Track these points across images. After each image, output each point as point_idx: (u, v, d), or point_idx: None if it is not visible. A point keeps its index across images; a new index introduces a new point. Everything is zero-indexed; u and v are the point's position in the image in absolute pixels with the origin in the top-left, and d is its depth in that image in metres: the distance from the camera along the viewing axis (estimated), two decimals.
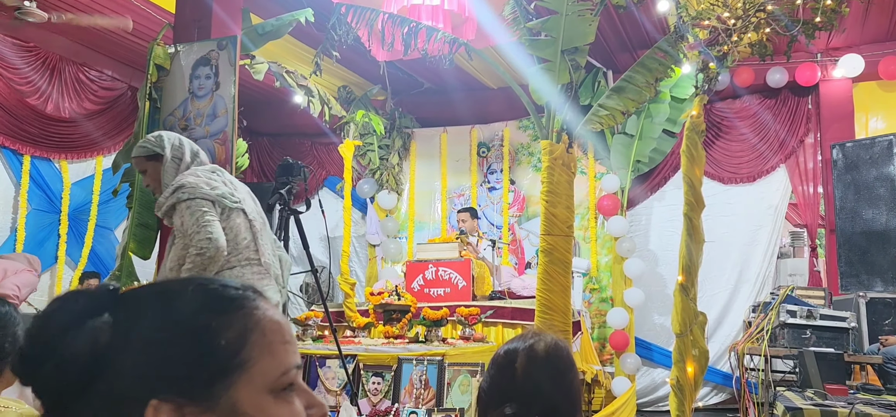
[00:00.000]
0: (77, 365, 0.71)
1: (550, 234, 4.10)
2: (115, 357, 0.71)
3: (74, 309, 0.74)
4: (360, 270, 8.53)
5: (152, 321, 0.73)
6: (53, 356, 0.71)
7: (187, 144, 3.20)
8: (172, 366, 0.71)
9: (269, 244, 3.28)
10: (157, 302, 0.74)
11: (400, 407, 4.60)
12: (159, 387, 0.70)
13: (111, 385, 0.70)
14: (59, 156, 6.86)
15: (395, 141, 8.36)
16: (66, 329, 0.73)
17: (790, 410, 3.23)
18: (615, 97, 4.58)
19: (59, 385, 0.71)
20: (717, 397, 7.30)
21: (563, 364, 1.47)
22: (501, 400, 1.42)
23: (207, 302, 0.75)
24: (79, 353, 0.71)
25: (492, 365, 1.51)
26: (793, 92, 7.42)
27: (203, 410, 0.70)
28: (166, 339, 0.72)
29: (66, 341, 0.72)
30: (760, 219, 7.39)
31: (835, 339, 4.48)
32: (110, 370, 0.71)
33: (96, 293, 0.76)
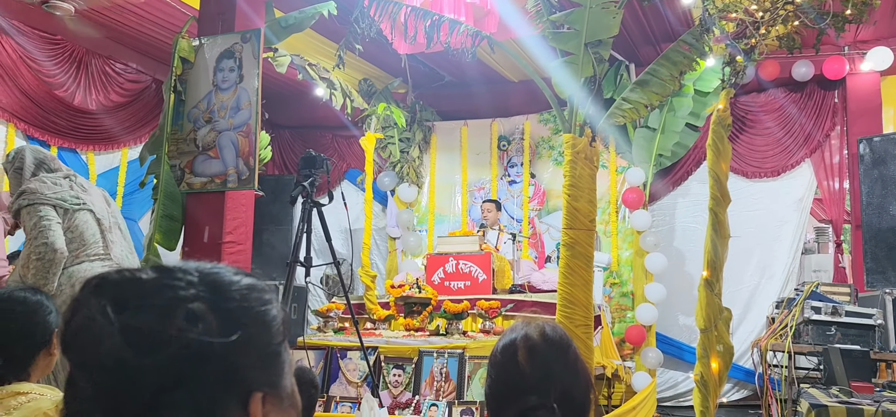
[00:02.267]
0: (196, 357, 0.67)
1: (572, 228, 4.08)
2: (220, 348, 0.69)
3: (176, 295, 0.69)
4: (381, 263, 8.57)
5: (234, 311, 0.72)
6: (172, 346, 0.67)
7: (29, 153, 3.55)
8: (259, 357, 0.73)
9: (123, 243, 3.61)
10: (226, 292, 0.73)
11: (420, 399, 4.63)
12: (255, 379, 0.72)
13: (216, 379, 0.68)
14: (86, 148, 6.96)
15: (415, 134, 8.38)
16: (179, 316, 0.68)
17: (815, 407, 3.19)
18: (639, 90, 4.55)
19: (171, 380, 0.66)
20: (739, 393, 7.25)
21: (562, 343, 1.44)
22: (513, 397, 1.38)
23: (261, 293, 0.76)
24: (197, 343, 0.67)
25: (491, 367, 1.47)
26: (819, 85, 7.31)
27: (278, 400, 0.75)
28: (251, 330, 0.72)
29: (184, 330, 0.67)
30: (785, 215, 7.31)
31: (860, 336, 4.42)
32: (216, 363, 0.68)
33: (179, 277, 0.71)
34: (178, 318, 0.67)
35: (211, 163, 4.72)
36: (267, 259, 7.46)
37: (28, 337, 1.87)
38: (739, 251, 7.27)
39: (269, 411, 0.73)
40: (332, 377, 4.88)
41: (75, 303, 0.69)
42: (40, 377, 1.90)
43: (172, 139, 4.75)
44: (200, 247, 4.56)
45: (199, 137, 4.77)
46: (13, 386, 1.79)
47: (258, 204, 7.37)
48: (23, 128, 6.23)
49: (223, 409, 0.69)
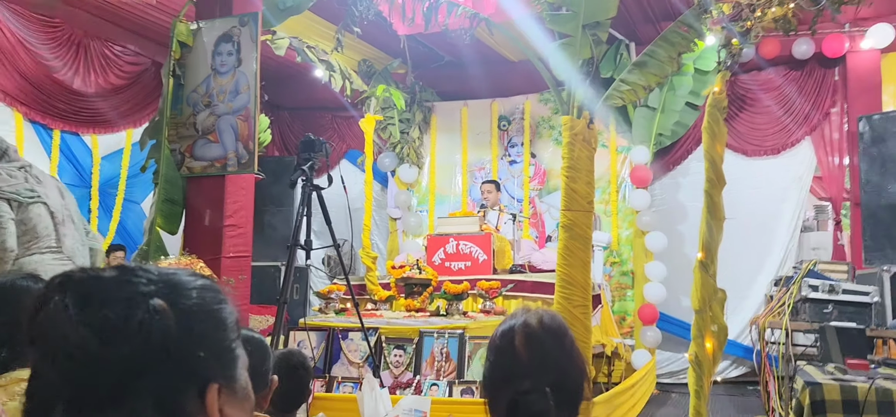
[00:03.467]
0: (158, 348, 0.71)
1: (571, 210, 4.10)
2: (180, 342, 0.73)
3: (138, 290, 0.73)
4: (382, 244, 8.61)
5: (191, 308, 0.76)
6: (135, 337, 0.70)
7: None
8: (215, 351, 0.77)
9: (75, 235, 3.61)
10: (182, 291, 0.77)
11: (421, 379, 4.69)
12: (212, 371, 0.76)
13: (176, 370, 0.72)
14: (88, 131, 6.97)
15: (415, 114, 8.38)
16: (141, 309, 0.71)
17: (809, 385, 3.23)
18: (637, 72, 4.54)
19: (134, 370, 0.70)
20: (737, 370, 7.31)
21: (558, 331, 1.48)
22: (508, 381, 1.42)
23: (215, 294, 0.81)
24: (158, 335, 0.71)
25: (490, 351, 1.51)
26: (819, 63, 7.29)
27: (232, 392, 0.79)
28: (206, 325, 0.77)
29: (146, 322, 0.71)
30: (784, 193, 7.33)
31: (857, 314, 4.45)
32: (177, 354, 0.72)
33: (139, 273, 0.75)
34: (140, 311, 0.71)
35: (210, 147, 4.74)
36: (268, 240, 7.50)
37: None
38: (739, 229, 7.29)
39: (224, 402, 0.76)
40: (334, 357, 4.94)
41: (41, 299, 0.72)
42: None
43: (172, 123, 4.77)
44: (201, 231, 4.59)
45: (199, 121, 4.79)
46: (16, 373, 1.82)
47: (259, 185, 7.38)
48: (24, 111, 6.24)
49: (182, 399, 0.73)
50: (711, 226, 3.02)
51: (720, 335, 2.87)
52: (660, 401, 6.36)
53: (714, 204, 3.04)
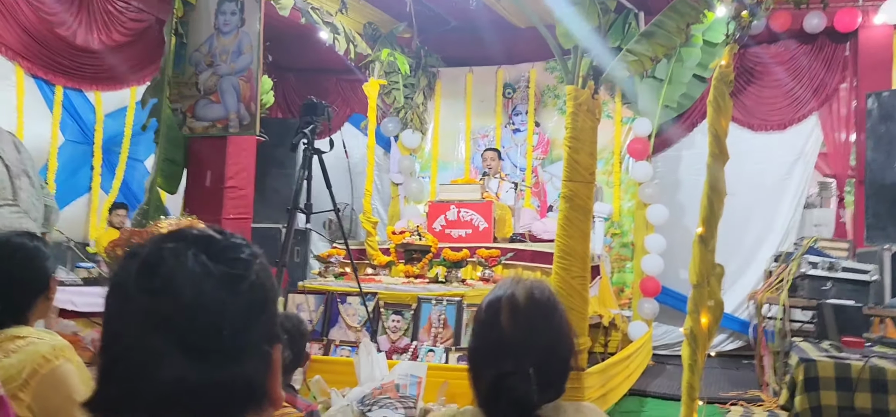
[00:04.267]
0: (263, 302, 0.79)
1: (572, 180, 4.08)
2: (267, 303, 0.81)
3: (240, 248, 0.81)
4: (383, 209, 8.61)
5: (261, 275, 0.82)
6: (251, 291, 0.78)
7: None
8: (273, 317, 0.85)
9: (31, 190, 3.63)
10: (256, 254, 0.84)
11: (418, 345, 4.72)
12: (277, 332, 0.85)
13: (266, 331, 0.80)
14: (91, 87, 6.93)
15: (420, 80, 8.31)
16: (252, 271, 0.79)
17: (804, 361, 3.25)
18: (644, 42, 4.49)
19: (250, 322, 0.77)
20: (733, 344, 7.35)
21: (546, 308, 1.43)
22: (493, 358, 1.38)
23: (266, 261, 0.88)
24: (264, 290, 0.80)
25: (476, 324, 1.47)
26: (830, 37, 7.19)
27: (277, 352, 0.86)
28: (271, 293, 0.84)
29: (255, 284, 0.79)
30: (789, 169, 7.28)
31: (856, 292, 4.46)
32: (267, 315, 0.81)
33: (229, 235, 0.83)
34: (251, 272, 0.79)
35: (212, 107, 4.72)
36: (270, 203, 7.50)
37: (27, 282, 1.90)
38: (742, 203, 7.28)
39: (276, 360, 0.84)
40: (332, 321, 4.97)
41: (161, 252, 0.77)
42: (38, 321, 1.94)
43: (174, 82, 4.75)
44: (202, 192, 4.60)
45: (201, 81, 4.77)
46: (12, 330, 1.83)
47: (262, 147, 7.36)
48: (25, 66, 6.20)
49: (268, 350, 0.81)
50: (712, 201, 3.00)
51: (716, 310, 2.87)
52: (655, 372, 6.41)
53: (716, 178, 3.02)
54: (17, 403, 1.78)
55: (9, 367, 1.78)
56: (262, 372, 0.79)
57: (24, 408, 1.78)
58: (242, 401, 0.76)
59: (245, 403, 0.77)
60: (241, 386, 0.76)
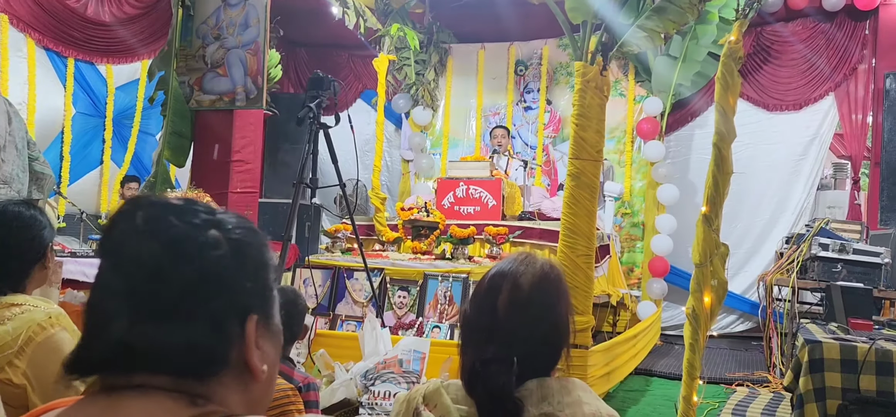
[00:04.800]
0: (216, 273, 0.77)
1: (579, 158, 4.04)
2: (232, 272, 0.79)
3: (201, 218, 0.79)
4: (394, 185, 8.60)
5: (242, 242, 0.81)
6: (200, 260, 0.76)
7: None
8: (258, 286, 0.83)
9: (17, 161, 3.63)
10: (235, 228, 0.82)
11: (424, 321, 4.73)
12: (253, 304, 0.81)
13: (227, 297, 0.78)
14: (102, 60, 6.96)
15: (432, 56, 8.26)
16: (205, 236, 0.78)
17: (809, 342, 3.21)
18: (655, 18, 4.42)
19: (195, 290, 0.75)
20: (742, 325, 7.30)
21: (551, 297, 1.38)
22: (481, 337, 1.35)
23: (259, 237, 0.87)
24: (217, 261, 0.77)
25: (475, 295, 1.43)
26: (849, 16, 7.04)
27: (266, 328, 0.84)
28: (253, 262, 0.82)
29: (209, 248, 0.77)
30: (804, 149, 7.17)
31: (866, 274, 4.40)
32: (228, 283, 0.78)
33: (198, 206, 0.81)
34: (204, 238, 0.78)
35: (219, 80, 4.71)
36: (281, 178, 7.52)
37: (23, 250, 1.91)
38: (755, 185, 7.20)
39: (260, 335, 0.82)
40: (339, 296, 4.99)
41: (117, 215, 0.79)
42: (35, 289, 1.96)
43: (181, 55, 4.74)
44: (209, 165, 4.61)
45: (208, 54, 4.76)
46: (8, 298, 1.84)
47: (274, 123, 7.39)
48: (37, 37, 6.24)
49: (228, 321, 0.78)
50: (718, 180, 2.96)
51: (719, 290, 2.84)
52: (662, 352, 6.38)
53: (722, 157, 2.97)
54: (13, 369, 1.80)
55: (4, 334, 1.79)
56: (219, 340, 0.77)
57: (20, 375, 1.80)
58: (190, 367, 0.75)
59: (195, 369, 0.76)
60: (186, 352, 0.74)
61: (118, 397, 0.74)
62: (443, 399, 1.35)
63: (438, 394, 1.37)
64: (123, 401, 0.74)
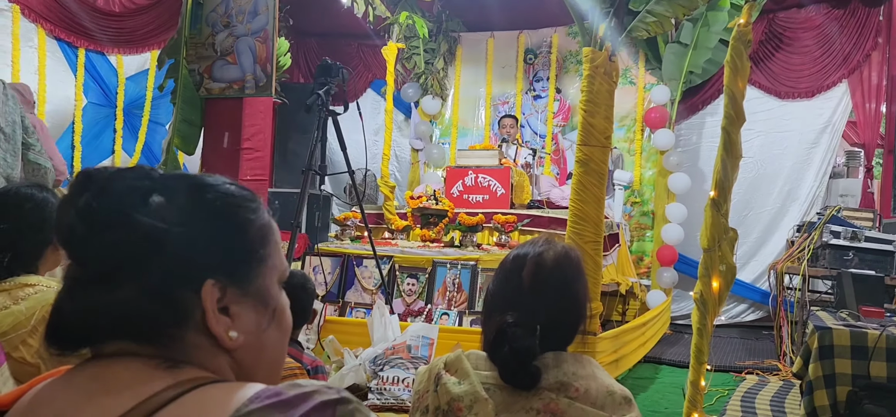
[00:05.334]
0: (143, 239, 0.75)
1: (587, 144, 4.02)
2: (174, 237, 0.76)
3: (132, 185, 0.77)
4: (403, 174, 8.61)
5: (200, 208, 0.79)
6: (120, 227, 0.74)
7: None
8: (221, 251, 0.80)
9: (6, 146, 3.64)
10: (198, 192, 0.80)
11: (433, 308, 4.74)
12: (212, 269, 0.78)
13: (168, 263, 0.75)
14: (113, 50, 7.00)
15: (441, 45, 8.24)
16: (131, 203, 0.76)
17: (819, 329, 3.19)
18: (665, 3, 4.38)
19: (119, 257, 0.74)
20: (753, 314, 7.26)
21: (571, 272, 1.47)
22: (506, 308, 1.43)
23: (239, 199, 0.84)
24: (146, 228, 0.75)
25: (500, 270, 1.52)
26: (863, 2, 6.95)
27: (241, 293, 0.81)
28: (216, 226, 0.80)
29: (133, 214, 0.75)
30: (816, 137, 7.11)
31: (878, 262, 4.37)
32: (169, 248, 0.75)
33: (142, 172, 0.80)
34: (129, 204, 0.75)
35: (229, 68, 4.73)
36: (291, 167, 7.55)
37: (36, 232, 1.94)
38: (767, 172, 7.15)
39: (230, 301, 0.79)
40: (348, 284, 5.01)
41: (69, 187, 0.79)
42: (48, 271, 1.98)
43: (191, 43, 4.76)
44: (219, 153, 4.64)
45: (218, 42, 4.77)
46: (21, 278, 1.87)
47: (283, 112, 7.41)
48: (48, 28, 6.28)
49: (172, 289, 0.76)
50: (726, 164, 2.94)
51: (728, 274, 2.82)
52: (671, 341, 6.37)
53: (731, 141, 2.95)
54: (26, 348, 1.82)
55: (18, 314, 1.82)
56: (162, 305, 0.75)
57: (33, 354, 1.82)
58: (142, 332, 0.75)
59: (147, 334, 0.76)
60: (129, 317, 0.74)
61: (102, 364, 0.75)
62: (463, 365, 1.43)
63: (459, 361, 1.44)
64: (107, 368, 0.75)
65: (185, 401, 0.71)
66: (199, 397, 0.72)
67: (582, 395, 1.36)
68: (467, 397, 1.37)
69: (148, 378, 0.73)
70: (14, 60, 5.98)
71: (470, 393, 1.37)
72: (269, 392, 0.71)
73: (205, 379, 0.74)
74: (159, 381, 0.72)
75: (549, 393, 1.36)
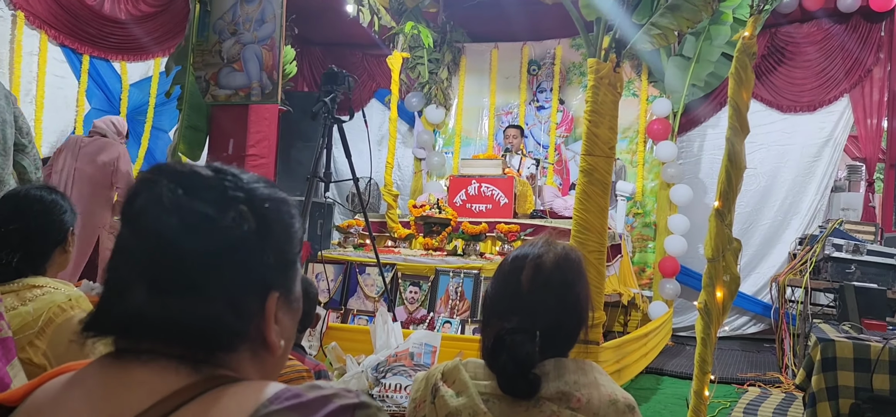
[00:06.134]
0: (232, 249, 0.74)
1: (591, 154, 4.05)
2: (253, 247, 0.77)
3: (228, 193, 0.77)
4: (406, 183, 8.63)
5: (270, 218, 0.79)
6: (214, 233, 0.74)
7: None
8: (281, 261, 0.81)
9: None
10: (266, 201, 0.80)
11: (435, 316, 4.74)
12: (275, 280, 0.80)
13: (244, 273, 0.76)
14: (117, 57, 7.02)
15: (445, 55, 8.28)
16: (225, 211, 0.75)
17: (822, 341, 3.20)
18: (669, 15, 4.41)
19: (208, 263, 0.73)
20: (755, 327, 7.26)
21: (571, 275, 1.42)
22: (505, 312, 1.38)
23: (289, 206, 0.84)
24: (236, 237, 0.75)
25: (498, 273, 1.47)
26: (865, 17, 6.99)
27: (286, 302, 0.83)
28: (281, 238, 0.81)
29: (228, 223, 0.75)
30: (818, 151, 7.13)
31: (880, 275, 4.37)
32: (249, 259, 0.76)
33: (230, 177, 0.78)
34: (229, 213, 0.76)
35: (235, 75, 4.75)
36: (294, 175, 7.57)
37: (44, 234, 1.95)
38: (769, 185, 7.17)
39: (279, 308, 0.81)
40: (351, 291, 5.02)
41: (140, 183, 0.77)
42: (56, 273, 1.99)
43: (198, 50, 4.79)
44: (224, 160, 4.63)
45: (225, 49, 4.80)
46: (30, 280, 1.88)
47: (287, 120, 7.42)
48: (53, 35, 6.31)
49: (247, 299, 0.77)
50: (731, 175, 2.95)
51: (732, 285, 2.84)
52: (673, 352, 6.36)
53: (735, 152, 2.97)
54: (33, 349, 1.83)
55: (25, 315, 1.83)
56: (236, 317, 0.75)
57: (40, 355, 1.83)
58: (205, 341, 0.75)
59: (209, 343, 0.75)
60: (202, 325, 0.74)
61: (126, 362, 0.74)
62: (461, 375, 1.38)
63: (457, 371, 1.39)
64: (128, 366, 0.73)
65: (205, 400, 0.71)
66: (218, 396, 0.72)
67: (584, 406, 1.31)
68: (465, 411, 1.33)
69: (168, 376, 0.73)
70: (16, 66, 6.00)
71: (468, 408, 1.33)
72: (289, 393, 0.71)
73: (224, 378, 0.74)
74: (179, 379, 0.72)
75: (551, 405, 1.31)
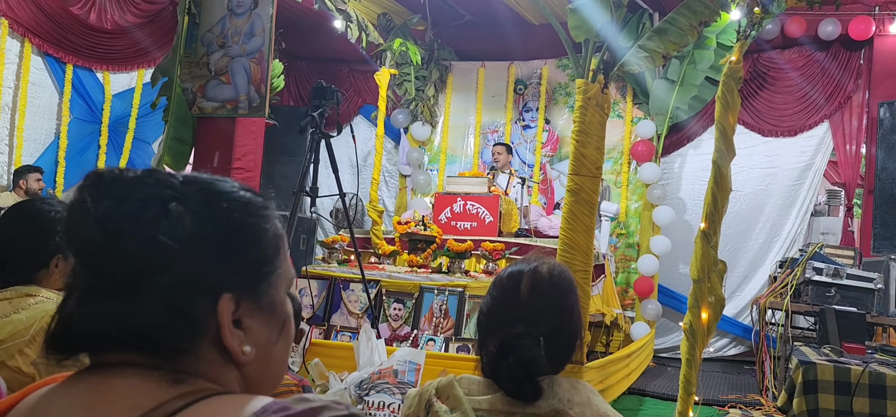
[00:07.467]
0: (163, 250, 0.72)
1: (578, 174, 4.08)
2: (193, 248, 0.73)
3: (153, 192, 0.74)
4: (391, 199, 8.62)
5: (217, 218, 0.76)
6: (141, 238, 0.72)
7: None
8: (237, 263, 0.77)
9: None
10: (215, 200, 0.77)
11: (419, 334, 4.73)
12: (228, 281, 0.76)
13: (186, 275, 0.73)
14: (102, 68, 6.98)
15: (432, 72, 8.32)
16: (152, 212, 0.73)
17: (803, 364, 3.23)
18: (656, 39, 4.47)
19: (137, 268, 0.71)
20: (735, 349, 7.32)
21: (565, 286, 1.47)
22: (505, 322, 1.41)
23: (253, 208, 0.80)
24: (166, 239, 0.72)
25: (494, 288, 1.50)
26: (844, 45, 7.14)
27: (255, 306, 0.79)
28: (232, 237, 0.77)
29: (154, 224, 0.72)
30: (799, 175, 7.24)
31: (859, 299, 4.43)
32: (188, 260, 0.73)
33: (162, 179, 0.76)
34: (151, 212, 0.72)
35: (223, 88, 4.74)
36: (279, 189, 7.55)
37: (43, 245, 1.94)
38: (749, 209, 7.26)
39: (244, 314, 0.77)
40: (334, 307, 4.99)
41: (77, 189, 0.75)
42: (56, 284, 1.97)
43: (185, 62, 4.77)
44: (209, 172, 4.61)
45: (212, 62, 4.79)
46: (25, 288, 1.88)
47: (272, 134, 7.41)
48: (37, 43, 6.26)
49: (191, 303, 0.73)
50: (717, 197, 2.99)
51: (717, 306, 2.86)
52: (654, 373, 6.39)
53: (721, 174, 3.01)
54: (23, 358, 1.81)
55: (17, 322, 1.81)
56: (177, 319, 0.73)
57: (29, 364, 1.81)
58: (154, 346, 0.73)
59: (159, 348, 0.73)
60: (138, 329, 0.72)
61: (102, 374, 0.72)
62: (455, 391, 1.38)
63: (451, 387, 1.40)
64: (107, 379, 0.72)
65: (189, 414, 0.69)
66: (203, 410, 0.70)
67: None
68: None
69: (150, 390, 0.71)
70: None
71: None
72: (277, 406, 0.70)
73: (209, 391, 0.73)
74: (162, 393, 0.71)
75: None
